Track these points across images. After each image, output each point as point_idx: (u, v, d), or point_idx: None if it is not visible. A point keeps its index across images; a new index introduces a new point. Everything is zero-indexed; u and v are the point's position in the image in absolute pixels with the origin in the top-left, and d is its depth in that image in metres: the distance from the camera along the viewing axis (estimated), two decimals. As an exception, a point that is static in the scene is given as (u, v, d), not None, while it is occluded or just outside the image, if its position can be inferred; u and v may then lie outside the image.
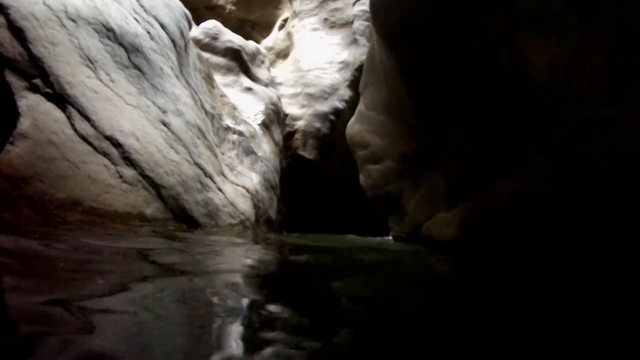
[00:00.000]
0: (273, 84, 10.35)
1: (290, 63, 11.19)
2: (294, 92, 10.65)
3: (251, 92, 9.18)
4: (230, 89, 8.78)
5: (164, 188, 4.64)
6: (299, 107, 10.51)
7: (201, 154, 5.58)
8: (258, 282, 2.73)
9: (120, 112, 4.61)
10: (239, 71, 9.28)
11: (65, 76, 4.30)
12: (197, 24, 9.36)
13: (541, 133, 3.69)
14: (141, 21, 5.53)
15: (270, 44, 11.90)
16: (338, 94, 10.51)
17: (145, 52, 5.26)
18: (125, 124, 4.57)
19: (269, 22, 12.49)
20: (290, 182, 10.00)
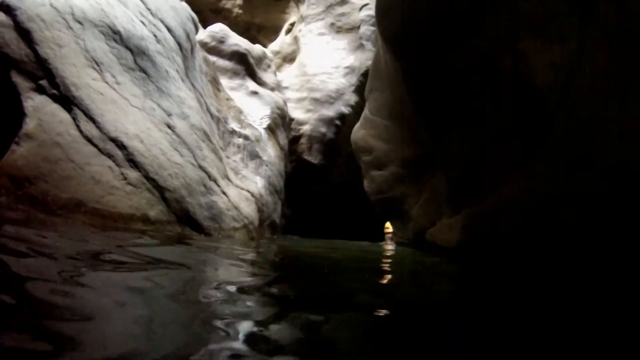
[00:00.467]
0: (279, 88, 10.38)
1: (297, 67, 11.22)
2: (299, 97, 10.67)
3: (257, 95, 9.20)
4: (236, 92, 8.80)
5: (167, 191, 4.64)
6: (304, 112, 10.53)
7: (205, 157, 5.58)
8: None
9: (126, 114, 4.63)
10: (245, 75, 9.30)
11: (71, 78, 4.32)
12: (204, 27, 9.41)
13: (542, 134, 3.67)
14: (147, 24, 5.55)
15: (276, 48, 11.95)
16: (344, 98, 10.52)
17: (151, 55, 5.28)
18: (130, 126, 4.58)
19: (275, 26, 12.53)
20: (294, 186, 10.00)
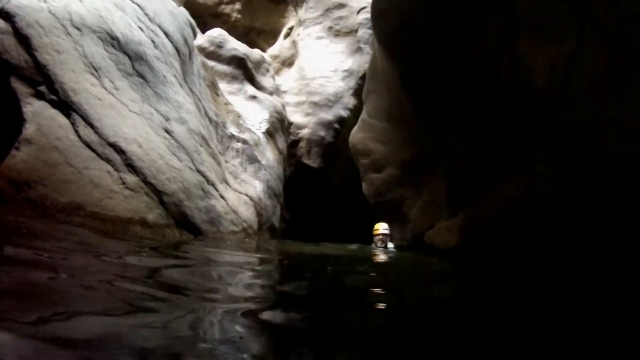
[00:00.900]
0: (278, 92, 10.41)
1: (295, 71, 11.25)
2: (298, 101, 10.70)
3: (256, 100, 9.22)
4: (234, 97, 8.83)
5: (166, 195, 4.67)
6: (303, 115, 10.55)
7: (204, 161, 5.61)
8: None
9: (124, 119, 4.66)
10: (243, 79, 9.33)
11: (69, 83, 4.36)
12: (203, 31, 9.45)
13: (541, 134, 3.69)
14: (145, 29, 5.59)
15: (275, 52, 11.99)
16: (342, 102, 10.54)
17: (149, 60, 5.32)
18: (128, 130, 4.61)
19: (274, 30, 12.58)
20: (294, 190, 10.01)
